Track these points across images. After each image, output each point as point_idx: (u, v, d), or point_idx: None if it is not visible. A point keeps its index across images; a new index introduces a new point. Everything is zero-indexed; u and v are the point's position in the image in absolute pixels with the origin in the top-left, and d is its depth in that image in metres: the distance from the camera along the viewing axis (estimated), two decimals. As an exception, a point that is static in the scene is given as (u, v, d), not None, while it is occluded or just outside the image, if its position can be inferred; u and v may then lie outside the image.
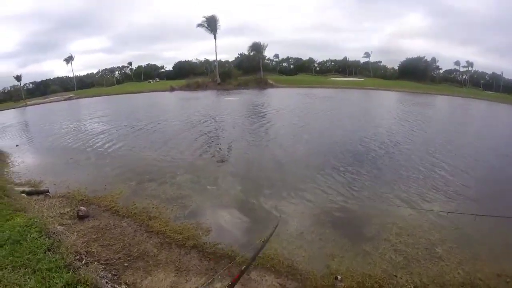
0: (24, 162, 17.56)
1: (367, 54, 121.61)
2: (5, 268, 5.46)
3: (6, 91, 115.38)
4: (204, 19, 78.34)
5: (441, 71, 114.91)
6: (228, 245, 8.06)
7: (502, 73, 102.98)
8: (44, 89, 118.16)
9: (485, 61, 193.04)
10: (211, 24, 78.43)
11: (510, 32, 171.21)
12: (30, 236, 6.71)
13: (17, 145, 23.01)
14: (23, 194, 11.10)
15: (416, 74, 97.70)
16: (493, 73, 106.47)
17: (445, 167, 14.72)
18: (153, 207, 10.45)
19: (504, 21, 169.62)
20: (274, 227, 8.02)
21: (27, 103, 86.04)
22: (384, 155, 16.64)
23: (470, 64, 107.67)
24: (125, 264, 7.09)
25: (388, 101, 50.15)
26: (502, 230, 9.06)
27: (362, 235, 8.78)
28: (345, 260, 7.56)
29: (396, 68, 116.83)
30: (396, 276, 6.91)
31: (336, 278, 6.81)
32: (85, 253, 7.10)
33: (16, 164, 17.18)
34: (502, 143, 21.48)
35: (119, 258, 7.27)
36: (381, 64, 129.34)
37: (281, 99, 48.39)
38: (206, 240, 8.37)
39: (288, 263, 7.37)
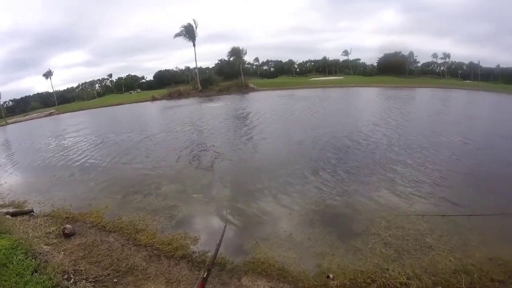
0: (7, 182, 17.23)
1: (346, 52, 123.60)
2: (-8, 293, 5.38)
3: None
4: (182, 28, 78.44)
5: (419, 64, 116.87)
6: (217, 253, 8.03)
7: (479, 62, 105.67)
8: (24, 106, 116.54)
9: (462, 51, 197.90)
10: (189, 32, 78.73)
11: (480, 21, 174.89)
12: (16, 258, 6.62)
13: (-2, 166, 22.61)
14: (7, 216, 10.89)
15: (394, 69, 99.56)
16: (471, 62, 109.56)
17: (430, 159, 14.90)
18: (139, 220, 10.36)
19: (473, 10, 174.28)
20: (221, 233, 8.21)
21: (7, 121, 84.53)
22: (369, 150, 16.81)
23: (447, 55, 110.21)
24: (114, 280, 7.01)
25: (369, 97, 50.74)
26: (489, 213, 9.26)
27: (352, 231, 8.85)
28: (336, 258, 7.60)
29: (375, 64, 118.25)
30: (388, 270, 6.97)
31: (328, 276, 6.85)
32: (73, 271, 7.00)
33: (-1, 185, 16.88)
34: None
35: (108, 274, 7.19)
36: (361, 61, 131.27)
37: (262, 102, 48.72)
38: (195, 249, 8.34)
39: (279, 266, 7.37)
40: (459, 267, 6.92)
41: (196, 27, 79.02)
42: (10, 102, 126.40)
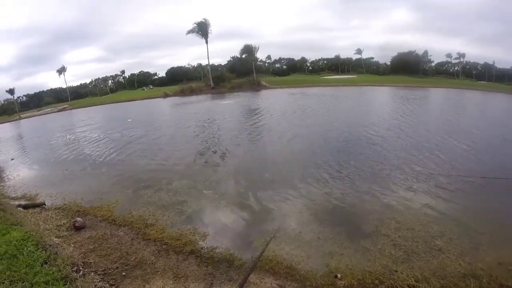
0: (20, 175, 17.49)
1: (358, 51, 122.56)
2: (3, 283, 5.45)
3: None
4: (195, 25, 78.53)
5: (433, 64, 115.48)
6: (226, 249, 8.03)
7: (493, 62, 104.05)
8: (38, 101, 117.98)
9: (476, 51, 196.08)
10: (202, 29, 78.74)
11: (492, 21, 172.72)
12: (27, 249, 6.68)
13: (12, 159, 22.91)
14: (19, 208, 11.05)
15: (408, 68, 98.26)
16: (485, 63, 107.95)
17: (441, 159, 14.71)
18: (149, 215, 10.41)
19: (484, 10, 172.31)
20: (267, 241, 8.11)
21: (21, 116, 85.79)
22: (380, 150, 16.62)
23: (461, 55, 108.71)
24: (123, 273, 7.05)
25: (382, 97, 50.31)
26: (501, 218, 9.21)
27: (361, 232, 8.77)
28: (344, 257, 7.54)
29: (389, 63, 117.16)
30: (396, 271, 6.89)
31: (336, 276, 6.80)
32: (82, 264, 7.06)
33: (12, 178, 17.11)
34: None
35: (117, 267, 7.24)
36: (374, 60, 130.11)
37: (274, 100, 48.53)
38: (204, 245, 8.34)
39: (287, 264, 7.33)
40: (468, 271, 6.82)
41: (209, 24, 79.18)
42: (24, 97, 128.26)
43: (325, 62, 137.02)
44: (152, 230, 9.29)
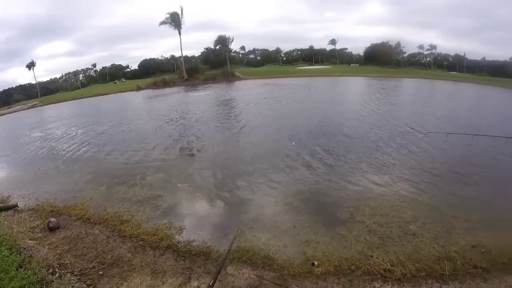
0: (-10, 177, 17.01)
1: (332, 42, 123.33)
2: (-23, 290, 5.35)
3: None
4: (168, 15, 77.32)
5: (405, 55, 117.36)
6: (202, 242, 8.12)
7: (464, 54, 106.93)
8: (7, 98, 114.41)
9: (449, 44, 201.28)
10: (174, 20, 77.52)
11: (464, 15, 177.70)
12: (1, 254, 6.61)
13: (-20, 161, 22.24)
14: (-9, 211, 10.78)
15: (381, 59, 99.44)
16: (456, 54, 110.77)
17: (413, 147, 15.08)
18: (124, 211, 10.37)
19: (457, 5, 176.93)
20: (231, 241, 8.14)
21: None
22: (352, 138, 16.96)
23: (433, 47, 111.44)
24: (99, 272, 7.04)
25: (355, 86, 51.02)
26: (474, 201, 9.69)
27: (336, 219, 8.99)
28: (321, 245, 7.74)
29: (362, 54, 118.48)
30: (372, 256, 7.14)
31: (313, 264, 6.98)
32: (58, 265, 7.00)
33: (-19, 180, 16.62)
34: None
35: (93, 267, 7.22)
36: (347, 51, 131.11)
37: (247, 91, 48.56)
38: (180, 239, 8.41)
39: (264, 254, 7.48)
40: (443, 254, 7.11)
41: (182, 15, 78.12)
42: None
43: (299, 53, 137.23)
44: (128, 226, 9.26)
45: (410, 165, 12.90)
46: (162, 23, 78.17)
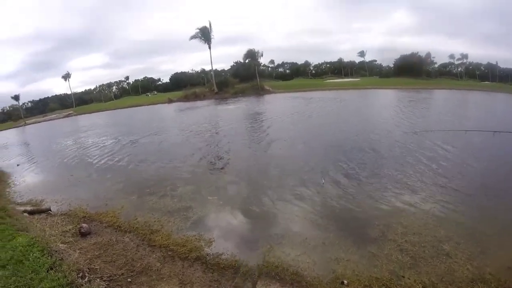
0: (25, 181, 17.60)
1: (361, 53, 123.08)
2: (8, 288, 5.44)
3: (5, 111, 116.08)
4: (198, 30, 78.95)
5: (436, 66, 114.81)
6: (231, 255, 8.01)
7: (496, 62, 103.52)
8: (43, 107, 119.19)
9: (479, 52, 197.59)
10: (204, 34, 79.14)
11: (491, 21, 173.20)
12: (33, 255, 6.69)
13: (18, 165, 23.06)
14: (25, 214, 11.10)
15: (411, 70, 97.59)
16: (488, 63, 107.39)
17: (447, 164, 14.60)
18: (154, 221, 10.40)
19: (483, 11, 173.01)
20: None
21: (26, 122, 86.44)
22: (385, 155, 16.47)
23: (464, 56, 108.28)
24: (128, 279, 7.03)
25: (385, 99, 50.07)
26: (509, 219, 9.19)
27: (367, 237, 8.68)
28: (351, 263, 7.48)
29: (392, 65, 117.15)
30: (403, 277, 6.82)
31: (342, 282, 6.74)
32: (88, 270, 7.04)
33: (18, 183, 17.22)
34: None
35: (122, 273, 7.22)
36: (377, 62, 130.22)
37: (277, 104, 48.79)
38: (209, 251, 8.31)
39: (293, 270, 7.27)
40: (477, 276, 6.74)
41: (211, 30, 79.56)
42: (29, 103, 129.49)
43: (328, 65, 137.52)
44: (158, 236, 9.27)
45: (442, 182, 12.41)
46: (193, 37, 79.96)
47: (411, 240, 8.32)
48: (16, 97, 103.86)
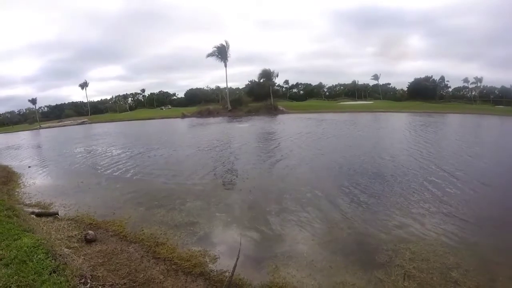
0: (35, 183, 17.78)
1: (375, 77, 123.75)
2: (9, 287, 5.41)
3: (21, 113, 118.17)
4: (215, 48, 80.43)
5: (450, 89, 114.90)
6: (235, 273, 7.84)
7: (511, 86, 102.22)
8: (59, 112, 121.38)
9: (493, 75, 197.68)
10: (221, 53, 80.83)
11: (506, 44, 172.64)
12: (37, 257, 6.64)
13: (29, 167, 23.37)
14: (32, 215, 11.10)
15: (425, 93, 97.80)
16: (503, 87, 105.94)
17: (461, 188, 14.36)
18: (161, 233, 10.33)
19: (496, 34, 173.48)
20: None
21: (41, 125, 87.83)
22: (395, 178, 16.22)
23: (478, 80, 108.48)
24: (130, 289, 6.95)
25: (398, 123, 49.66)
26: None
27: (374, 262, 8.48)
28: (357, 288, 7.32)
29: (405, 89, 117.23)
30: (410, 304, 6.65)
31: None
32: (91, 276, 6.96)
33: (27, 185, 17.41)
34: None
35: (125, 283, 7.13)
36: (390, 86, 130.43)
37: (290, 125, 48.66)
38: (213, 267, 8.20)
39: (297, 292, 7.11)
40: (485, 305, 6.57)
41: (228, 48, 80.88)
42: (46, 108, 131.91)
43: (342, 87, 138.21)
44: (163, 249, 9.18)
45: (452, 209, 12.15)
46: (210, 55, 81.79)
47: (419, 266, 8.10)
48: (33, 101, 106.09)
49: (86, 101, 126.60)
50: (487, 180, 15.37)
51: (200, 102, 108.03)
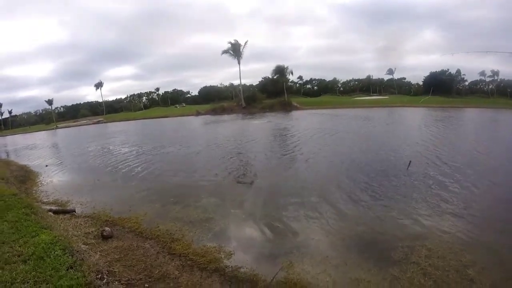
0: (53, 181, 18.05)
1: (390, 71, 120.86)
2: (27, 282, 5.49)
3: (38, 113, 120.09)
4: (229, 45, 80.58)
5: (466, 83, 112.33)
6: (250, 269, 7.83)
7: None
8: (75, 112, 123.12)
9: (507, 68, 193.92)
10: (235, 50, 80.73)
11: None
12: (54, 253, 6.71)
13: (46, 166, 23.75)
14: (50, 213, 11.24)
15: (441, 88, 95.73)
16: None
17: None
18: (176, 230, 10.36)
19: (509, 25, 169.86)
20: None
21: (57, 125, 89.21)
22: (413, 174, 15.99)
23: (495, 73, 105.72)
24: (146, 285, 6.98)
25: (411, 118, 49.09)
26: None
27: (390, 259, 8.34)
28: (372, 285, 7.18)
29: (421, 83, 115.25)
30: (426, 302, 6.55)
31: (362, 305, 6.53)
32: (107, 272, 7.02)
33: (45, 183, 17.69)
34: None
35: (140, 279, 7.18)
36: (406, 80, 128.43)
37: (305, 121, 48.66)
38: (228, 263, 8.18)
39: (312, 288, 7.06)
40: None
41: (245, 46, 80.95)
42: (62, 108, 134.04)
43: (356, 83, 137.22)
44: (178, 245, 9.20)
45: (469, 205, 11.91)
46: (224, 52, 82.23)
47: (435, 263, 7.95)
48: (50, 102, 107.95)
49: (101, 100, 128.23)
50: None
51: (214, 99, 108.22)
